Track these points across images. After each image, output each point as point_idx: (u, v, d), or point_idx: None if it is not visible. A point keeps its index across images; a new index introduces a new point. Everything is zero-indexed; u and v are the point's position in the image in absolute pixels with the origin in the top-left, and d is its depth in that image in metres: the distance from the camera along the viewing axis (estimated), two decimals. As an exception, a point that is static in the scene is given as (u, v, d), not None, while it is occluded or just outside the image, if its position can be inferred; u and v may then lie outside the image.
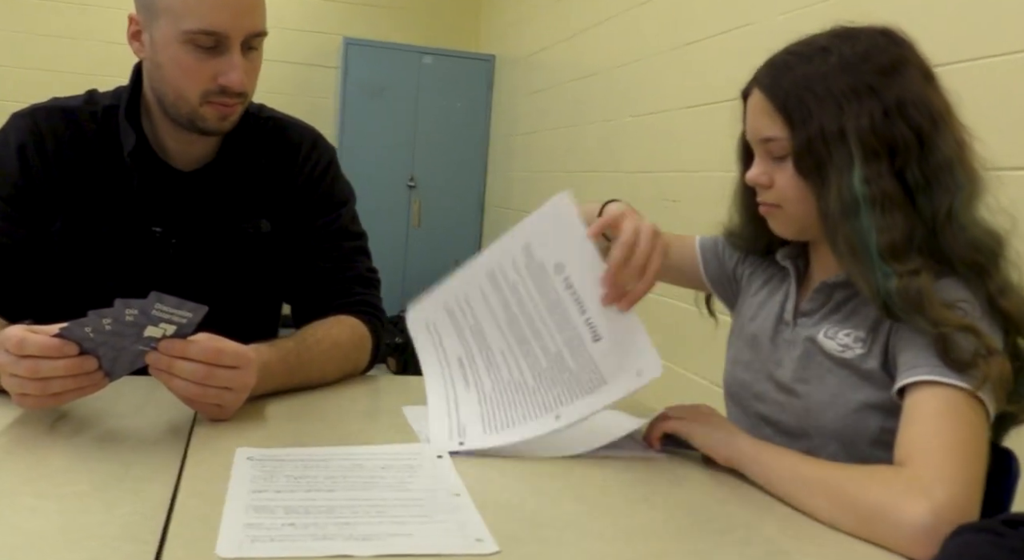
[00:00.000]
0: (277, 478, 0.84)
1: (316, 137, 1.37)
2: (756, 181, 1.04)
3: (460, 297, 1.09)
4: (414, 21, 5.52)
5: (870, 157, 0.93)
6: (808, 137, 0.96)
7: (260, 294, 1.36)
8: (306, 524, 0.74)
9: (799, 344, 1.06)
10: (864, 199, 0.93)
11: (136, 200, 1.26)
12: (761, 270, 1.20)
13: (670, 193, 2.99)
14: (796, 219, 1.03)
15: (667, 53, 3.09)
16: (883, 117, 0.94)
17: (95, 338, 0.92)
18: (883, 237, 0.92)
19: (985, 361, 0.86)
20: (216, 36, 1.13)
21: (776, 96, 0.99)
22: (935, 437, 0.84)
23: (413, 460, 0.93)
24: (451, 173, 5.36)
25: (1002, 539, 0.63)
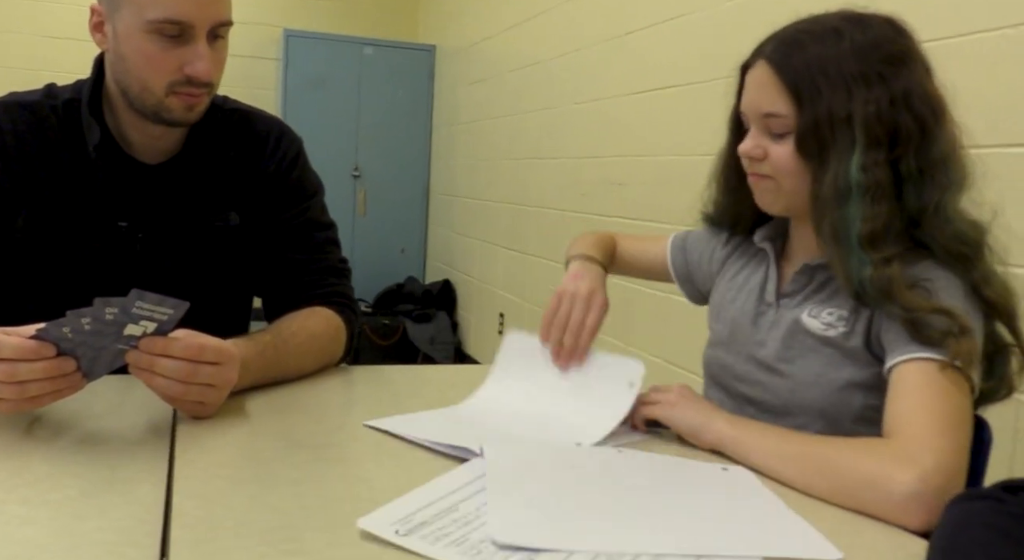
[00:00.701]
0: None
1: (283, 128, 1.35)
2: (749, 153, 1.03)
3: None
4: (355, 12, 5.45)
5: (872, 145, 0.94)
6: (815, 118, 0.96)
7: (231, 288, 1.33)
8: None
9: (782, 325, 1.07)
10: (857, 187, 0.94)
11: (101, 195, 1.22)
12: (738, 253, 1.22)
13: (616, 177, 3.02)
14: (786, 194, 1.03)
15: (608, 42, 3.11)
16: (889, 106, 0.95)
17: (73, 338, 0.89)
18: (866, 226, 0.94)
19: (956, 339, 0.89)
20: (181, 25, 1.10)
21: (786, 73, 0.98)
22: (921, 409, 0.87)
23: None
24: (395, 162, 5.32)
25: (1003, 505, 0.65)
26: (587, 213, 3.24)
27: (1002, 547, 0.59)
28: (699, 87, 2.52)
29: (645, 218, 2.81)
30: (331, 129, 5.07)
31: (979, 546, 0.60)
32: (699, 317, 1.32)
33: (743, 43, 1.08)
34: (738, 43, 1.09)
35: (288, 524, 0.72)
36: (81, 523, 0.72)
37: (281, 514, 0.74)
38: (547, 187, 3.64)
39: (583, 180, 3.29)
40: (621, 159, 3.00)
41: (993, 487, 0.69)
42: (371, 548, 0.68)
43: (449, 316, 4.87)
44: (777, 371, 1.06)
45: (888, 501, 0.81)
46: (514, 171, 4.05)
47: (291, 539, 0.69)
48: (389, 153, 5.29)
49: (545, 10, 3.69)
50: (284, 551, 0.67)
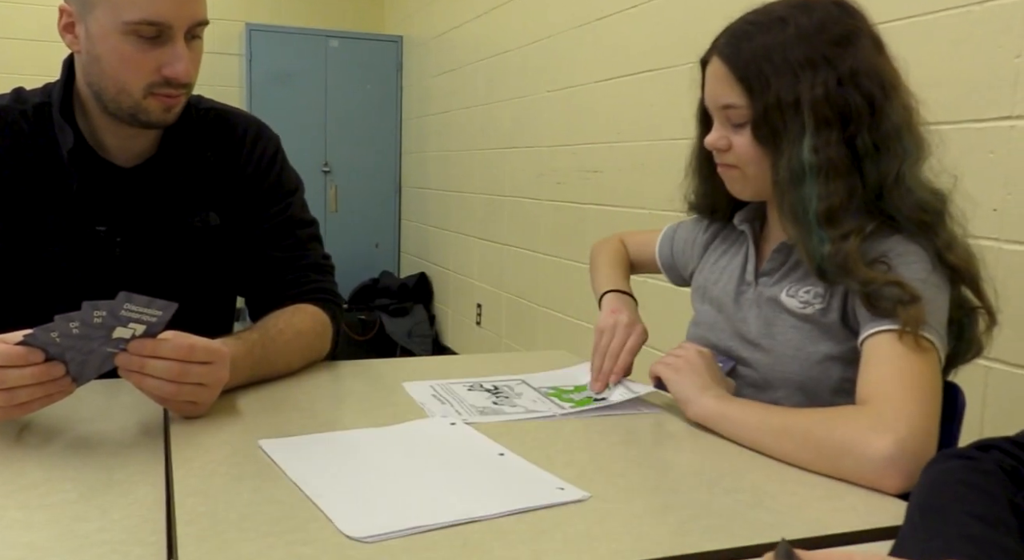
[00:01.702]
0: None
1: (260, 127, 1.34)
2: (715, 145, 1.08)
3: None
4: (318, 5, 5.40)
5: (821, 126, 0.98)
6: (765, 107, 1.00)
7: (213, 288, 1.32)
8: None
9: (762, 303, 1.11)
10: (810, 168, 0.98)
11: (77, 200, 1.20)
12: (721, 237, 1.26)
13: (590, 164, 3.04)
14: (753, 180, 1.07)
15: (578, 28, 3.12)
16: (836, 86, 0.98)
17: (62, 343, 0.89)
18: (822, 204, 0.97)
19: (905, 307, 0.92)
20: (159, 26, 1.09)
21: (736, 65, 1.02)
22: (893, 378, 0.90)
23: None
24: (365, 156, 5.29)
25: (975, 462, 0.69)
26: (562, 201, 3.25)
27: (976, 501, 0.62)
28: (671, 72, 2.54)
29: (621, 205, 2.83)
30: (298, 125, 5.03)
31: (955, 501, 0.63)
32: (677, 300, 1.35)
33: (714, 26, 1.10)
34: (709, 26, 1.11)
35: (292, 515, 0.73)
36: (83, 525, 0.72)
37: (284, 506, 0.75)
38: (521, 176, 3.65)
39: (557, 168, 3.30)
40: (595, 146, 3.02)
41: (967, 447, 0.72)
42: (376, 536, 0.69)
43: (426, 309, 4.87)
44: (759, 346, 1.09)
45: (866, 466, 0.84)
46: (487, 161, 4.06)
47: (296, 529, 0.70)
48: (359, 147, 5.27)
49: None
50: (291, 540, 0.68)
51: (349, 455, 0.89)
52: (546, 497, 0.78)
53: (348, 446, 0.92)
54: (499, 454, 0.90)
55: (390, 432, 0.97)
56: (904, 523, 0.65)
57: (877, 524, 0.76)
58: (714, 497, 0.81)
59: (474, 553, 0.67)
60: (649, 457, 0.94)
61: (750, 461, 0.91)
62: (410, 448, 0.91)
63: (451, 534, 0.70)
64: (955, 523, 0.60)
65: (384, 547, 0.67)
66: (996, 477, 0.66)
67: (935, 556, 0.56)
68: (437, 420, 1.01)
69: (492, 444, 0.93)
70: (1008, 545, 0.59)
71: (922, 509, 0.64)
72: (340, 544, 0.68)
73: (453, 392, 1.14)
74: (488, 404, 1.09)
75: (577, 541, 0.70)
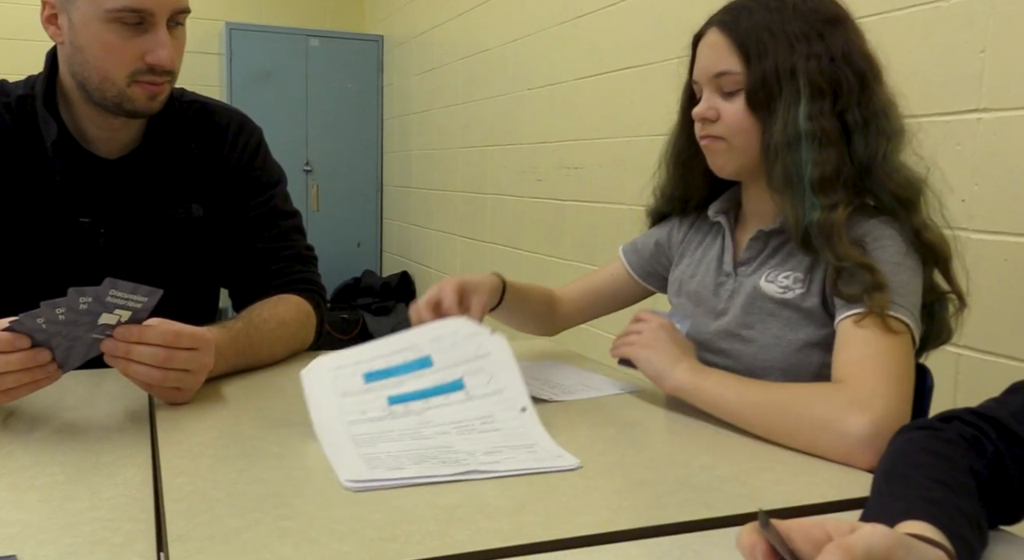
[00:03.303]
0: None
1: (243, 119, 1.36)
2: (704, 115, 1.08)
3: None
4: (298, 4, 5.39)
5: (816, 95, 1.01)
6: (763, 73, 1.02)
7: (197, 280, 1.33)
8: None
9: (742, 292, 1.12)
10: (806, 134, 1.01)
11: (61, 191, 1.21)
12: (694, 232, 1.26)
13: (571, 161, 3.06)
14: (738, 152, 1.08)
15: (558, 26, 3.14)
16: (830, 61, 1.02)
17: (48, 329, 0.90)
18: (816, 170, 1.00)
19: (869, 295, 0.95)
20: (141, 13, 1.10)
21: (735, 34, 1.05)
22: (869, 358, 0.93)
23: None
24: (347, 155, 5.29)
25: (938, 432, 0.71)
26: (543, 198, 3.27)
27: (937, 467, 0.65)
28: (650, 68, 2.57)
29: (601, 200, 2.85)
30: (279, 124, 5.01)
31: (918, 468, 0.65)
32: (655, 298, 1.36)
33: (692, 23, 1.13)
34: (687, 23, 1.14)
35: (277, 492, 0.75)
36: (73, 504, 0.73)
37: (270, 485, 0.77)
38: (503, 174, 3.67)
39: (539, 166, 3.32)
40: (576, 143, 3.04)
41: (930, 419, 0.75)
42: (362, 509, 0.71)
43: (408, 308, 4.87)
44: (739, 337, 1.10)
45: (841, 443, 0.86)
46: (469, 160, 4.07)
47: (283, 505, 0.72)
48: (340, 146, 5.26)
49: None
50: (278, 516, 0.69)
51: (371, 391, 0.95)
52: (544, 461, 0.83)
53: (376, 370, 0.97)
54: (521, 408, 0.93)
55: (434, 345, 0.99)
56: (871, 491, 0.68)
57: (848, 495, 0.78)
58: (691, 473, 0.83)
59: (459, 525, 0.69)
60: (627, 436, 0.96)
61: (726, 440, 0.94)
62: (442, 373, 0.96)
63: (436, 507, 0.72)
64: (917, 487, 0.63)
65: (368, 521, 0.69)
66: (957, 445, 0.69)
67: (899, 517, 0.58)
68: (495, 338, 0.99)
69: (522, 392, 0.95)
70: (967, 508, 0.61)
71: (887, 476, 0.67)
72: (325, 519, 0.69)
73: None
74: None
75: (558, 513, 0.72)
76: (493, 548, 0.65)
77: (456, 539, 0.66)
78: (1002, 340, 1.47)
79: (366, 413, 0.93)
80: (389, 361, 0.98)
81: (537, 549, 0.66)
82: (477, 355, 0.98)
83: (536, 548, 0.66)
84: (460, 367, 0.97)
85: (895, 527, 0.57)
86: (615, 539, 0.68)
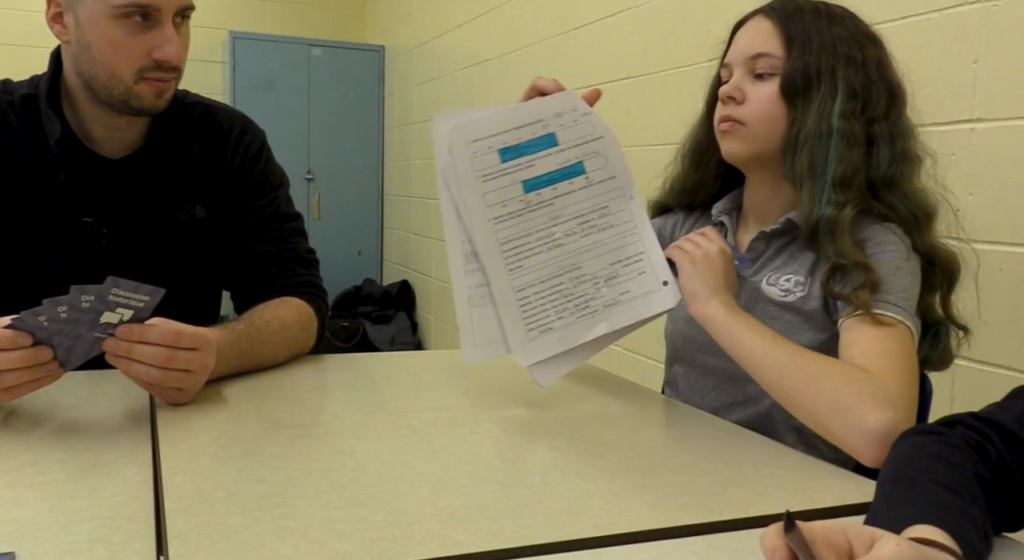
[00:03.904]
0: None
1: (246, 121, 1.36)
2: (730, 93, 1.07)
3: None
4: (301, 14, 5.42)
5: (851, 97, 1.03)
6: (804, 62, 1.04)
7: (199, 282, 1.33)
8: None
9: (743, 294, 1.11)
10: (838, 131, 1.02)
11: (64, 191, 1.21)
12: (697, 230, 1.26)
13: (572, 172, 3.07)
14: (754, 139, 1.07)
15: (557, 37, 3.16)
16: (865, 71, 1.04)
17: (50, 327, 0.90)
18: (839, 167, 1.01)
19: (855, 294, 0.95)
20: (147, 9, 1.11)
21: (783, 22, 1.06)
22: (887, 355, 0.92)
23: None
24: (348, 164, 5.31)
25: (943, 437, 0.71)
26: (543, 207, 3.28)
27: (944, 472, 0.65)
28: (648, 79, 2.57)
29: (600, 209, 2.86)
30: (282, 132, 5.03)
31: (924, 472, 0.65)
32: None
33: (691, 34, 1.13)
34: (686, 34, 1.14)
35: (278, 493, 0.74)
36: (72, 502, 0.73)
37: (271, 485, 0.76)
38: (502, 183, 3.67)
39: (538, 175, 3.33)
40: (575, 152, 3.05)
41: (934, 423, 0.75)
42: (363, 510, 0.71)
43: (408, 316, 4.87)
44: None
45: (855, 432, 0.85)
46: (469, 169, 4.07)
47: (283, 505, 0.72)
48: (341, 155, 5.28)
49: (493, 7, 3.72)
50: (278, 515, 0.69)
51: (507, 172, 1.03)
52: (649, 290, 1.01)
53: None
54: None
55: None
56: (875, 495, 0.68)
57: (848, 501, 0.78)
58: (691, 477, 0.83)
59: (460, 526, 0.69)
60: (627, 441, 0.95)
61: (727, 445, 0.94)
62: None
63: (437, 507, 0.72)
64: (925, 491, 0.62)
65: (369, 521, 0.69)
66: (963, 451, 0.69)
67: (907, 521, 0.58)
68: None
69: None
70: (974, 514, 0.61)
71: (892, 479, 0.66)
72: (326, 519, 0.69)
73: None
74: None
75: (559, 515, 0.72)
76: (494, 549, 0.65)
77: (457, 540, 0.66)
78: (998, 350, 1.47)
79: (507, 206, 1.03)
80: (520, 136, 1.04)
81: (538, 551, 0.65)
82: (592, 136, 1.06)
83: (537, 550, 0.65)
84: (580, 148, 1.06)
85: (903, 531, 0.56)
86: (616, 542, 0.68)
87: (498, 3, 3.67)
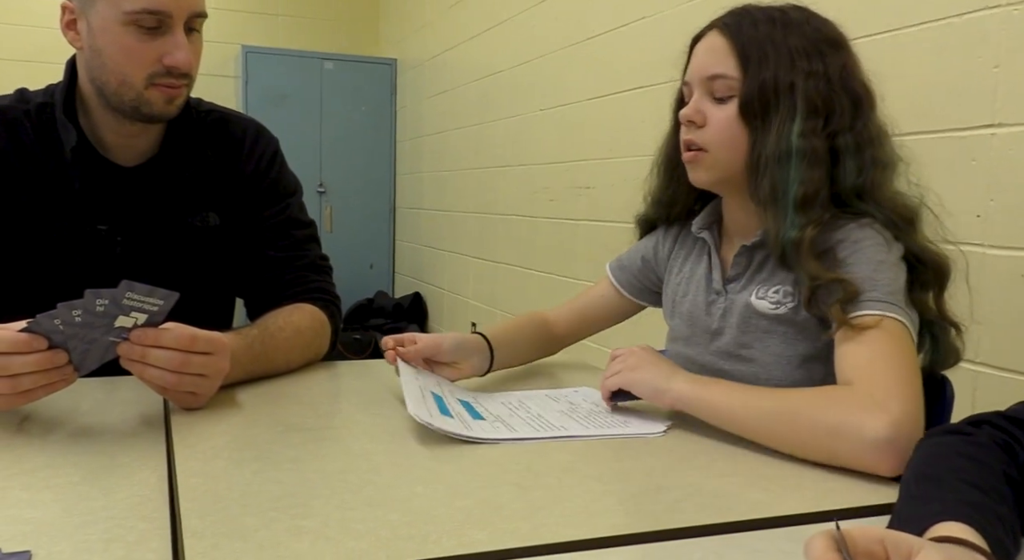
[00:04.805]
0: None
1: (259, 128, 1.37)
2: (691, 117, 1.05)
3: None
4: (313, 28, 5.46)
5: (811, 114, 1.00)
6: (761, 82, 1.01)
7: (212, 289, 1.34)
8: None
9: (735, 311, 1.09)
10: (796, 152, 0.99)
11: (79, 199, 1.22)
12: (679, 246, 1.24)
13: (582, 181, 3.07)
14: (719, 165, 1.05)
15: (569, 47, 3.17)
16: (827, 82, 1.01)
17: (65, 331, 0.90)
18: (801, 189, 0.98)
19: (832, 310, 0.94)
20: (159, 15, 1.12)
21: (737, 38, 1.03)
22: (874, 359, 0.90)
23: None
24: (360, 177, 5.33)
25: (970, 437, 0.70)
26: (555, 218, 3.28)
27: (971, 471, 0.64)
28: (660, 88, 2.58)
29: (613, 220, 2.86)
30: (294, 146, 4.96)
31: (952, 471, 0.64)
32: (649, 317, 1.35)
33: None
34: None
35: (293, 493, 0.74)
36: (87, 503, 0.73)
37: (286, 486, 0.76)
38: (515, 195, 3.68)
39: (551, 186, 3.33)
40: (587, 163, 3.05)
41: (959, 423, 0.73)
42: (379, 510, 0.70)
43: (421, 328, 4.88)
44: (739, 357, 1.08)
45: (860, 449, 0.83)
46: (481, 180, 4.09)
47: (298, 505, 0.71)
48: (353, 168, 5.30)
49: (505, 19, 3.74)
50: (294, 515, 0.69)
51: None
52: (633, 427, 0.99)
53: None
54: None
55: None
56: (900, 494, 0.66)
57: (869, 502, 0.77)
58: (707, 479, 0.82)
59: (476, 525, 0.68)
60: (643, 442, 0.95)
61: (744, 446, 0.92)
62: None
63: (453, 508, 0.72)
64: (952, 489, 0.61)
65: (384, 521, 0.68)
66: (990, 450, 0.68)
67: (934, 518, 0.57)
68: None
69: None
70: (1003, 513, 0.60)
71: (918, 478, 0.65)
72: (341, 518, 0.69)
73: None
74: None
75: (575, 515, 0.71)
76: (510, 548, 0.64)
77: (473, 539, 0.65)
78: (1020, 357, 1.45)
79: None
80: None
81: (554, 550, 0.65)
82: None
83: (554, 549, 0.65)
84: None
85: (930, 529, 0.56)
86: (633, 541, 0.67)
87: (510, 15, 3.68)
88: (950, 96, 1.58)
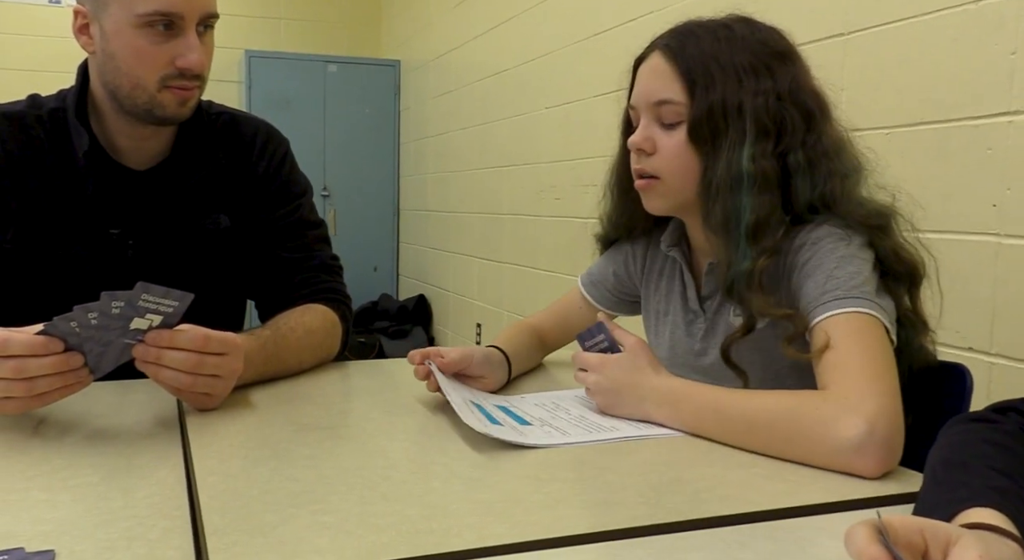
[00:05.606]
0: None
1: (270, 130, 1.37)
2: (640, 145, 1.02)
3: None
4: (316, 31, 5.48)
5: (760, 136, 0.96)
6: (709, 106, 0.97)
7: (224, 291, 1.34)
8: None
9: (716, 332, 1.08)
10: (748, 176, 0.96)
11: (91, 203, 1.22)
12: (650, 261, 1.21)
13: (588, 178, 3.07)
14: (672, 192, 1.03)
15: (574, 45, 3.16)
16: (776, 99, 0.97)
17: (81, 333, 0.90)
18: (752, 216, 0.95)
19: (782, 344, 0.92)
20: (171, 17, 1.12)
21: (681, 61, 0.99)
22: (849, 358, 0.87)
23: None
24: (364, 179, 5.34)
25: (996, 424, 0.69)
26: (560, 216, 3.28)
27: (999, 458, 0.63)
28: (665, 84, 2.57)
29: (618, 216, 2.85)
30: (298, 149, 4.92)
31: (978, 457, 0.63)
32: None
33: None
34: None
35: (312, 490, 0.74)
36: (107, 503, 0.73)
37: (304, 483, 0.76)
38: (519, 194, 3.68)
39: (557, 184, 3.33)
40: (593, 160, 3.05)
41: (983, 411, 0.73)
42: (398, 505, 0.70)
43: (425, 331, 4.88)
44: (724, 376, 1.04)
45: (837, 450, 0.81)
46: (485, 180, 4.09)
47: (318, 501, 0.71)
48: (357, 171, 5.31)
49: (509, 18, 3.74)
50: (314, 511, 0.69)
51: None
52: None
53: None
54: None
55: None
56: (924, 481, 0.66)
57: (889, 492, 0.77)
58: (728, 470, 0.82)
59: (497, 519, 0.68)
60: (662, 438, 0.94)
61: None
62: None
63: (473, 501, 0.71)
64: (979, 475, 0.60)
65: (405, 516, 0.68)
66: (1016, 437, 0.67)
67: (962, 504, 0.56)
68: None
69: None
70: None
71: (944, 464, 0.65)
72: (361, 513, 0.69)
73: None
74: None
75: (596, 507, 0.71)
76: (532, 540, 0.64)
77: (494, 532, 0.65)
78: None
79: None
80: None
81: (577, 541, 0.65)
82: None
83: (576, 540, 0.65)
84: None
85: (959, 515, 0.55)
86: (656, 531, 0.67)
87: (514, 13, 3.68)
88: (966, 84, 1.57)
